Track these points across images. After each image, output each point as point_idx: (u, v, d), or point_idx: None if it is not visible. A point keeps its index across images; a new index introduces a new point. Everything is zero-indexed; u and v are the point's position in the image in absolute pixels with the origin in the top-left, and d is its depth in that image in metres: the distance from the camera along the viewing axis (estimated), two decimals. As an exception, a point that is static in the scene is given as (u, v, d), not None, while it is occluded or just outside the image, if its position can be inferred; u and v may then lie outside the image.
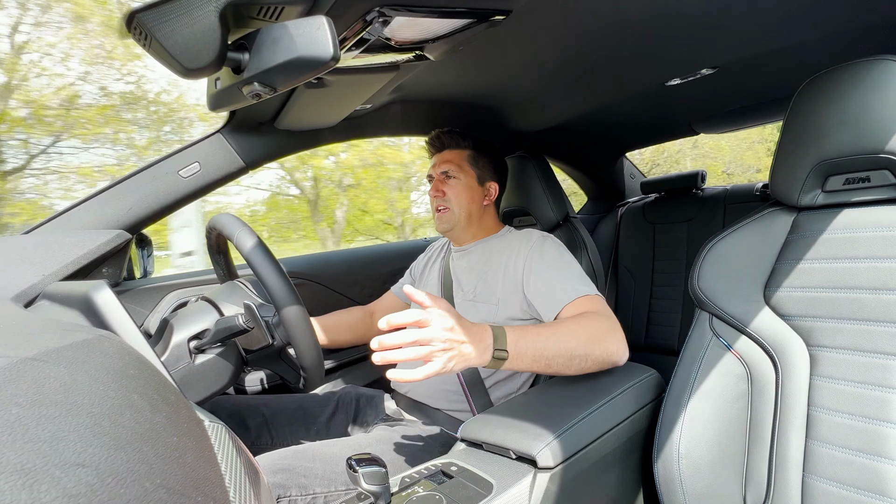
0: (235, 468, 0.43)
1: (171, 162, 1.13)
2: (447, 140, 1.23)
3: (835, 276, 0.76)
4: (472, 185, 1.21)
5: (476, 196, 1.22)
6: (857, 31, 1.02)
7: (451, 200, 1.20)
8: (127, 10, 0.51)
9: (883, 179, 0.75)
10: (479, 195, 1.23)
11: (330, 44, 0.52)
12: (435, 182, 1.23)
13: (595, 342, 0.88)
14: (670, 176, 2.03)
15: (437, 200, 1.22)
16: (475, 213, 1.22)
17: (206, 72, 0.57)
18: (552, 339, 0.85)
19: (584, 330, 0.89)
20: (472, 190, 1.21)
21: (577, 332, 0.88)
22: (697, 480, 0.79)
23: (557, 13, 0.86)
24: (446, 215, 1.21)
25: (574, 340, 0.87)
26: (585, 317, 0.92)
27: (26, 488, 0.23)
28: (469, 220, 1.22)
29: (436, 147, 1.25)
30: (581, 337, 0.88)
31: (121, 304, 0.57)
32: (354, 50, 0.82)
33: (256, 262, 0.83)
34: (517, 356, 0.82)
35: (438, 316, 0.73)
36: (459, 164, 1.21)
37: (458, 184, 1.20)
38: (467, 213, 1.21)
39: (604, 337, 0.89)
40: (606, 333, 0.90)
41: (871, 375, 0.70)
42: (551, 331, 0.87)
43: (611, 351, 0.90)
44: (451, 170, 1.20)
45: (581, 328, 0.89)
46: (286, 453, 0.88)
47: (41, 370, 0.32)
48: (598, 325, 0.90)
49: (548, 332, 0.86)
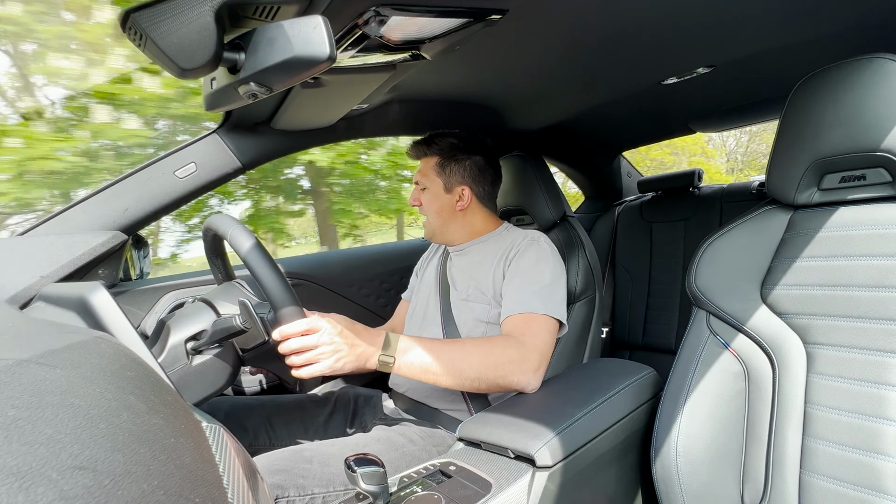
0: (233, 469, 0.43)
1: (166, 162, 1.13)
2: (417, 150, 1.25)
3: (831, 273, 0.76)
4: (440, 192, 1.21)
5: (445, 203, 1.21)
6: (853, 30, 1.02)
7: (426, 209, 1.22)
8: (122, 10, 0.51)
9: (879, 177, 0.75)
10: (449, 202, 1.21)
11: (326, 43, 0.52)
12: (413, 191, 1.26)
13: (490, 368, 0.91)
14: (667, 175, 2.04)
15: (418, 209, 1.25)
16: (449, 220, 1.22)
17: (202, 72, 0.57)
18: (443, 356, 0.90)
19: (481, 355, 0.92)
20: (440, 198, 1.21)
21: (473, 355, 0.92)
22: (695, 478, 0.79)
23: (553, 12, 0.86)
24: (425, 223, 1.25)
25: (466, 363, 0.91)
26: (495, 343, 0.95)
27: (23, 491, 0.23)
28: (445, 227, 1.23)
29: (412, 157, 1.27)
30: (474, 361, 0.91)
31: (117, 306, 0.57)
32: (351, 49, 0.82)
33: (252, 262, 0.83)
34: (405, 364, 0.89)
35: (327, 323, 0.83)
36: (426, 174, 1.22)
37: (428, 193, 1.22)
38: (441, 220, 1.22)
39: (502, 365, 0.92)
40: (508, 363, 0.92)
41: (867, 372, 0.71)
42: (447, 348, 0.92)
43: (509, 381, 0.93)
44: (421, 180, 1.23)
45: (479, 353, 0.92)
46: (284, 454, 0.88)
47: (37, 372, 0.31)
48: (501, 352, 0.93)
49: (443, 349, 0.91)
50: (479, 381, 0.91)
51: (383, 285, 1.56)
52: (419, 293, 1.30)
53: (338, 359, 0.83)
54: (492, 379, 0.91)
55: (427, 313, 1.22)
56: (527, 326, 0.99)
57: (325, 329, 0.82)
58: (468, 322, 1.13)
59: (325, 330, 0.82)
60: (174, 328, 0.84)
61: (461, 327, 1.13)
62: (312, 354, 0.81)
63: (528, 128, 1.67)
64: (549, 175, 1.51)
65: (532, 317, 1.00)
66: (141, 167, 1.12)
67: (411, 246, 1.82)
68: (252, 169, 1.26)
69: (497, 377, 0.92)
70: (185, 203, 1.17)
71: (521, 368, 0.93)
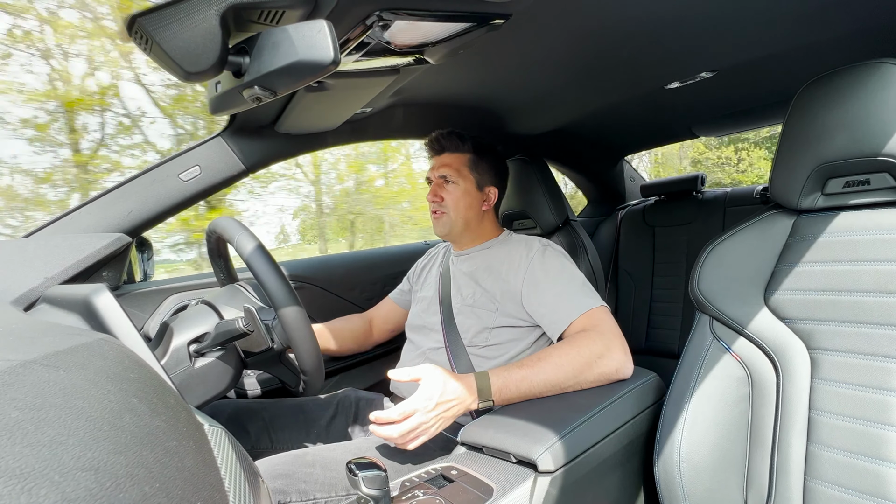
0: (235, 472, 0.43)
1: (171, 165, 1.13)
2: (446, 143, 1.21)
3: (835, 278, 0.76)
4: (471, 190, 1.20)
5: (474, 202, 1.20)
6: (857, 35, 1.02)
7: (449, 205, 1.19)
8: (128, 15, 0.51)
9: (883, 182, 0.75)
10: (478, 200, 1.21)
11: (330, 47, 0.52)
12: (433, 186, 1.22)
13: (585, 370, 0.90)
14: (670, 179, 2.03)
15: (433, 204, 1.21)
16: (473, 219, 1.21)
17: (207, 75, 0.57)
18: (537, 379, 0.89)
19: (571, 361, 0.90)
20: (470, 195, 1.20)
21: (563, 366, 0.90)
22: (698, 484, 0.79)
23: (557, 17, 0.86)
24: (443, 219, 1.20)
25: (562, 375, 0.90)
26: (576, 344, 0.93)
27: (25, 493, 0.23)
28: (466, 226, 1.21)
29: (435, 150, 1.24)
30: (568, 370, 0.90)
31: (121, 308, 0.57)
32: (355, 54, 0.82)
33: (256, 265, 0.83)
34: (504, 401, 0.88)
35: (424, 400, 0.82)
36: (458, 169, 1.19)
37: (456, 189, 1.19)
38: (464, 218, 1.20)
39: (595, 361, 0.91)
40: (599, 357, 0.91)
41: (871, 378, 0.70)
42: (538, 370, 0.90)
43: (607, 372, 0.91)
44: (450, 174, 1.19)
45: (567, 360, 0.91)
46: (286, 458, 0.88)
47: (41, 374, 0.32)
48: (589, 350, 0.92)
49: (534, 372, 0.89)
50: (579, 385, 0.91)
51: (385, 288, 1.56)
52: (419, 301, 1.29)
53: (438, 427, 0.83)
54: (589, 378, 0.91)
55: (428, 321, 1.21)
56: (592, 322, 0.99)
57: (420, 408, 0.81)
58: (472, 328, 1.11)
59: (420, 409, 0.81)
60: (177, 331, 0.84)
61: (464, 334, 1.12)
62: (414, 435, 0.81)
63: (531, 132, 1.67)
64: (552, 179, 1.51)
65: (591, 313, 1.00)
66: (145, 170, 1.12)
67: (413, 249, 1.82)
68: (255, 172, 1.27)
69: (594, 374, 0.91)
70: (189, 206, 1.18)
71: (612, 356, 0.92)
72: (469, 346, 1.11)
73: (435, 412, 0.82)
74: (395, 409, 0.80)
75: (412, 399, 0.82)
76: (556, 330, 1.01)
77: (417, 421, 0.80)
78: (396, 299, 1.41)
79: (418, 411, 0.81)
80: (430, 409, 0.81)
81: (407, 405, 0.81)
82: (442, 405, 0.83)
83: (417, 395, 0.82)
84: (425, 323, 1.21)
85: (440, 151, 1.23)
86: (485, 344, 1.10)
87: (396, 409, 0.80)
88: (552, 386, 0.89)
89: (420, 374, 0.85)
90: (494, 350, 1.10)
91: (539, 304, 1.05)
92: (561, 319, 1.01)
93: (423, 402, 0.81)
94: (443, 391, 0.83)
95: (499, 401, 0.87)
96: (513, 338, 1.11)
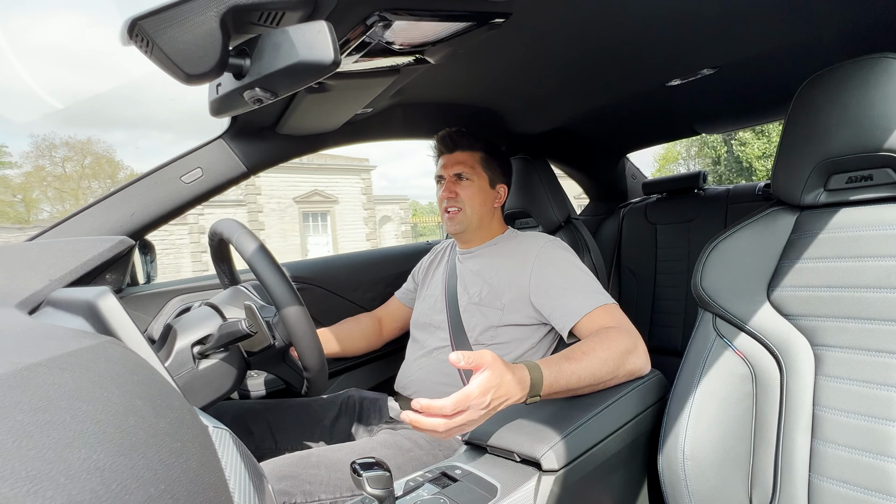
0: (239, 473, 0.43)
1: (173, 168, 1.13)
2: (459, 140, 1.23)
3: (838, 274, 0.76)
4: (485, 187, 1.21)
5: (488, 199, 1.22)
6: (858, 30, 1.02)
7: (465, 202, 1.20)
8: (128, 18, 0.51)
9: (885, 177, 0.75)
10: (491, 198, 1.23)
11: (330, 48, 0.52)
12: (447, 183, 1.22)
13: (619, 365, 0.88)
14: (672, 176, 2.03)
15: (448, 202, 1.21)
16: (486, 216, 1.23)
17: (208, 78, 0.57)
18: (584, 374, 0.83)
19: (612, 358, 0.87)
20: (484, 192, 1.21)
21: (607, 361, 0.86)
22: (703, 481, 0.79)
23: (557, 15, 0.86)
24: (458, 217, 1.21)
25: (604, 369, 0.86)
26: (612, 339, 0.90)
27: (31, 495, 0.23)
28: (480, 223, 1.22)
29: (447, 147, 1.24)
30: (610, 366, 0.87)
31: (124, 310, 0.57)
32: (355, 54, 0.82)
33: (258, 266, 0.83)
34: (548, 395, 0.81)
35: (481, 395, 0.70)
36: (472, 166, 1.20)
37: (471, 186, 1.20)
38: (479, 215, 1.21)
39: (626, 357, 0.89)
40: (628, 353, 0.90)
41: (875, 374, 0.70)
42: (584, 365, 0.84)
43: (633, 370, 0.90)
44: (465, 171, 1.20)
45: (607, 354, 0.87)
46: (290, 460, 0.88)
47: (46, 377, 0.32)
48: (621, 345, 0.90)
49: (581, 367, 0.83)
50: (613, 381, 0.88)
51: (388, 289, 1.56)
52: (425, 298, 1.30)
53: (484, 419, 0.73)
54: (620, 374, 0.88)
55: (434, 318, 1.21)
56: (611, 317, 0.98)
57: (475, 404, 0.70)
58: (478, 326, 1.12)
59: (475, 405, 0.70)
60: (181, 332, 0.84)
61: (470, 332, 1.13)
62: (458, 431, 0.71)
63: (532, 131, 1.67)
64: (554, 177, 1.51)
65: (606, 308, 0.99)
66: (147, 173, 1.12)
67: (416, 249, 1.82)
68: (257, 173, 1.27)
69: (625, 371, 0.89)
70: (191, 208, 1.18)
71: (639, 353, 0.92)
72: (475, 345, 1.11)
73: (486, 410, 0.71)
74: (449, 400, 0.69)
75: (469, 391, 0.70)
76: (567, 324, 1.00)
77: (469, 417, 0.70)
78: (402, 298, 1.42)
79: (472, 407, 0.70)
80: (484, 405, 0.71)
81: (461, 399, 0.69)
82: (495, 400, 0.72)
83: (475, 386, 0.71)
84: (431, 321, 1.21)
85: (452, 149, 1.23)
86: (491, 342, 1.10)
87: (450, 400, 0.69)
88: (595, 381, 0.85)
89: (482, 360, 0.72)
90: (500, 349, 1.10)
91: (548, 299, 1.05)
92: (572, 313, 1.00)
93: (480, 397, 0.70)
94: (499, 384, 0.72)
95: (545, 395, 0.79)
96: (518, 336, 1.11)
